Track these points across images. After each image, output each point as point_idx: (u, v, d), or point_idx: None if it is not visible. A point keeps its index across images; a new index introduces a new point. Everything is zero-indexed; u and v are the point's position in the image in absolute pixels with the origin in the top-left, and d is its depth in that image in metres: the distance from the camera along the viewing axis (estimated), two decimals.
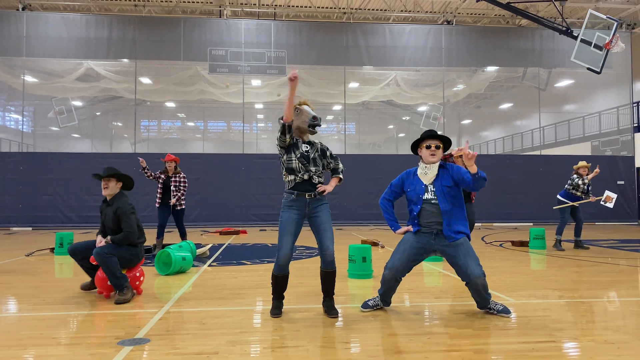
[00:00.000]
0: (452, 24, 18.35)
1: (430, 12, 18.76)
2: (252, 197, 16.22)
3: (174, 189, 8.25)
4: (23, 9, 16.78)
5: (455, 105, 21.56)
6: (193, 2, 18.20)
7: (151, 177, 8.29)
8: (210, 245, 8.72)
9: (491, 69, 18.82)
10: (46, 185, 15.49)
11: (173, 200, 8.16)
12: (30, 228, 14.79)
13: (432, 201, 4.06)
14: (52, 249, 8.62)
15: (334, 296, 4.13)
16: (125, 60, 17.11)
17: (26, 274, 6.38)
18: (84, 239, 11.08)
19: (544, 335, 3.50)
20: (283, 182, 4.13)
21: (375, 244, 9.40)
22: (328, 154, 4.23)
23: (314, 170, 4.03)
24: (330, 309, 4.04)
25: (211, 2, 17.95)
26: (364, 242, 9.56)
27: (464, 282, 4.06)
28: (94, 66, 17.01)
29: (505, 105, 24.59)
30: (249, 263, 7.33)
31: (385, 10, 18.70)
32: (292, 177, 4.02)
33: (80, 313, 4.22)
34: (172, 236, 12.13)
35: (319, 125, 4.03)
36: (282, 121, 3.94)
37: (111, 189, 4.85)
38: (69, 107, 17.40)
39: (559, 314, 4.13)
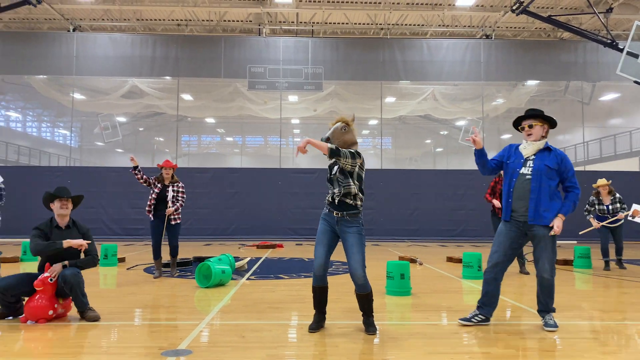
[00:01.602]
0: (491, 38, 18.15)
1: (469, 26, 18.62)
2: (288, 211, 16.34)
3: (171, 199, 7.16)
4: (74, 30, 17.63)
5: (495, 120, 21.19)
6: (233, 21, 18.69)
7: (142, 181, 7.16)
8: (248, 259, 8.83)
9: (532, 83, 18.47)
10: (91, 198, 16.03)
11: (170, 210, 7.05)
12: None
13: (527, 176, 4.15)
14: None
15: (373, 313, 4.09)
16: (168, 77, 17.69)
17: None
18: (127, 252, 11.40)
19: (590, 359, 3.37)
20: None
21: (413, 261, 9.30)
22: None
23: (336, 192, 3.99)
24: (368, 326, 4.02)
25: (250, 21, 18.40)
26: (402, 259, 9.47)
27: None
28: (138, 84, 17.65)
29: None
30: (286, 277, 7.37)
31: (422, 25, 18.69)
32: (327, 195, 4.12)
33: (124, 323, 4.36)
34: (191, 251, 12.31)
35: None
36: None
37: (69, 209, 4.61)
38: (113, 123, 18.08)
39: (606, 337, 3.97)
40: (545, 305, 4.25)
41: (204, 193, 16.06)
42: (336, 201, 3.98)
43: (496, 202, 7.72)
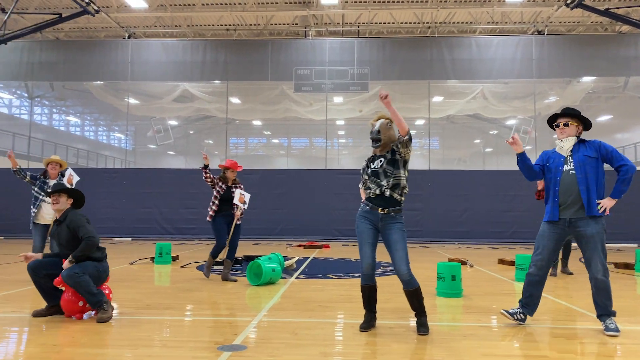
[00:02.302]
0: (544, 33, 17.55)
1: (520, 22, 18.09)
2: (334, 212, 16.38)
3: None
4: (128, 37, 18.37)
5: (546, 119, 20.53)
6: (280, 25, 18.94)
7: (209, 181, 7.07)
8: (296, 258, 8.92)
9: (587, 79, 17.72)
10: (145, 199, 16.67)
11: (238, 214, 7.05)
12: (130, 239, 15.95)
13: (571, 171, 4.12)
14: (152, 258, 9.26)
15: (425, 314, 4.05)
16: (217, 81, 18.12)
17: (131, 280, 6.91)
18: (180, 250, 11.77)
19: None
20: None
21: (463, 263, 9.12)
22: (398, 145, 3.98)
23: (385, 184, 3.97)
24: (420, 326, 3.99)
25: (297, 24, 18.58)
26: (451, 261, 9.30)
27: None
28: (189, 88, 18.19)
29: (604, 118, 22.95)
30: (334, 277, 7.41)
31: (471, 22, 18.31)
32: (368, 190, 4.09)
33: (180, 318, 4.51)
34: (241, 250, 12.51)
35: (372, 140, 4.03)
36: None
37: (61, 204, 4.56)
38: (165, 127, 18.70)
39: None
40: (604, 308, 4.08)
41: (252, 194, 16.33)
42: (386, 194, 3.96)
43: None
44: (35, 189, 6.84)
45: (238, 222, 7.07)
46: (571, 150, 4.21)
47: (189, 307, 5.05)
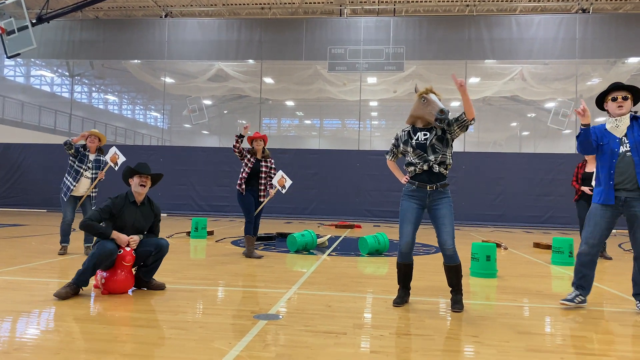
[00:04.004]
0: (589, 12, 16.85)
1: (563, 0, 17.40)
2: (366, 193, 16.37)
3: (263, 175, 6.90)
4: (165, 16, 18.58)
5: (589, 101, 19.72)
6: (315, 3, 18.77)
7: (237, 152, 6.71)
8: (329, 236, 8.99)
9: (633, 60, 16.97)
10: (181, 176, 17.02)
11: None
12: (166, 214, 16.34)
13: (627, 153, 3.99)
14: (188, 233, 9.49)
15: (461, 291, 4.04)
16: (251, 61, 18.18)
17: (168, 252, 7.09)
18: (214, 226, 12.01)
19: None
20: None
21: (497, 245, 9.00)
22: (453, 125, 3.93)
23: (433, 159, 3.91)
24: (455, 303, 3.98)
25: (332, 2, 18.38)
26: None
27: None
28: (224, 67, 18.31)
29: None
30: (366, 255, 7.44)
31: (511, 1, 17.73)
32: (412, 168, 4.00)
33: (217, 288, 4.63)
34: (274, 227, 12.63)
35: (447, 120, 3.92)
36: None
37: (148, 187, 4.53)
38: (200, 106, 18.93)
39: None
40: None
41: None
42: (435, 169, 3.91)
43: (586, 189, 7.40)
44: (76, 162, 6.66)
45: (261, 200, 6.87)
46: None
47: (224, 278, 5.17)
